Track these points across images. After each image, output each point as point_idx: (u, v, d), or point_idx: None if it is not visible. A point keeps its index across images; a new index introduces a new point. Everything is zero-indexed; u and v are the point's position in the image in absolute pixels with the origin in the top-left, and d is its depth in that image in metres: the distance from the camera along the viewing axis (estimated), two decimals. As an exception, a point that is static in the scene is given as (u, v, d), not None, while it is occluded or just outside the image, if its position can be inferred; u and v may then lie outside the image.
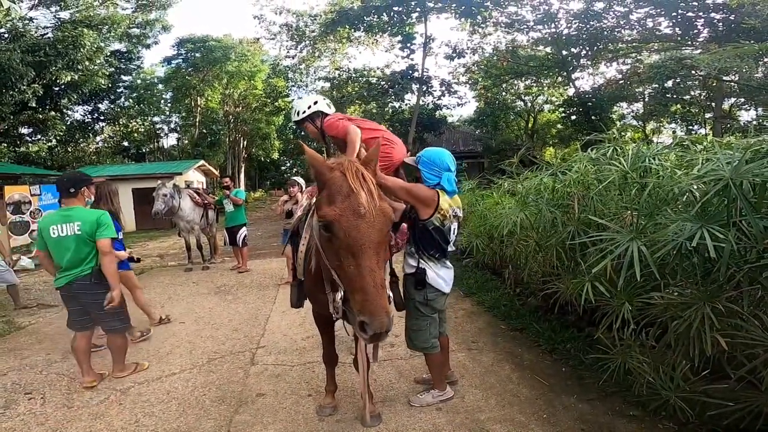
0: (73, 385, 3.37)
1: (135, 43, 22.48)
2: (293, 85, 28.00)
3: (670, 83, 11.09)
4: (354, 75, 19.26)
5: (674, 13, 12.73)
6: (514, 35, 17.59)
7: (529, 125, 26.96)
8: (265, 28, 19.40)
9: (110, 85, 21.93)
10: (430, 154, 2.61)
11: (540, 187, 3.84)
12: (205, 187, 20.25)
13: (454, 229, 2.66)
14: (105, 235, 3.19)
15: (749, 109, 19.13)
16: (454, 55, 17.87)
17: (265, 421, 2.73)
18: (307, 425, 2.66)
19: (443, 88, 19.01)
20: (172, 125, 31.95)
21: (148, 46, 23.48)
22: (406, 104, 18.50)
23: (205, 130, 28.47)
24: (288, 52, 19.85)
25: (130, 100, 27.28)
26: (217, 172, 26.76)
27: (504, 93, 22.81)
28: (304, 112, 2.97)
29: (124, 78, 25.81)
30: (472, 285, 5.73)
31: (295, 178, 6.78)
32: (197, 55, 26.16)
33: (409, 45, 17.49)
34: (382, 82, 18.18)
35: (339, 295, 1.59)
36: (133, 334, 4.22)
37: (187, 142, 30.75)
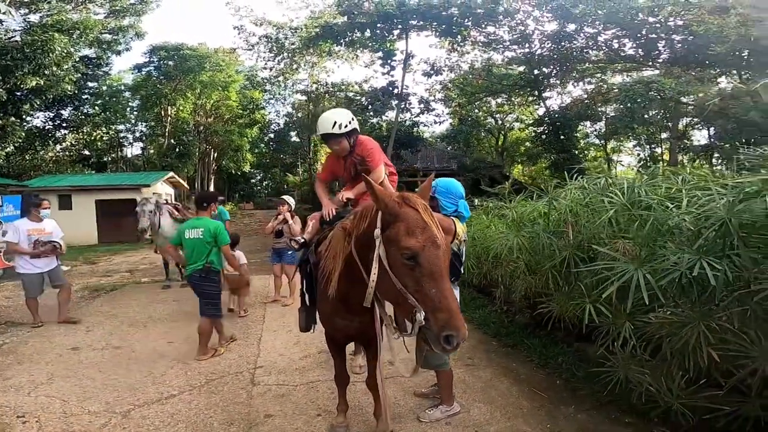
0: (67, 408, 3.25)
1: (105, 49, 21.71)
2: (270, 98, 27.77)
3: (635, 105, 11.99)
4: (332, 89, 19.38)
5: (639, 35, 13.81)
6: (490, 54, 18.37)
7: (499, 143, 27.97)
8: (244, 39, 19.25)
9: (76, 92, 21.09)
10: (446, 183, 2.77)
11: (534, 214, 4.09)
12: (174, 200, 19.66)
13: (464, 251, 2.82)
14: (223, 242, 4.34)
15: (701, 129, 20.61)
16: (432, 72, 18.42)
17: (280, 443, 2.75)
18: (324, 446, 2.70)
19: (422, 105, 19.54)
20: (138, 134, 30.96)
21: (118, 53, 22.73)
22: (383, 120, 18.80)
23: (174, 141, 27.73)
24: (266, 63, 19.79)
25: (96, 107, 26.25)
26: (186, 185, 26.07)
27: (477, 110, 23.62)
28: (346, 126, 2.90)
29: (91, 84, 24.83)
30: (461, 303, 5.90)
31: (284, 197, 6.70)
32: (170, 63, 25.58)
33: (389, 61, 17.85)
34: (362, 98, 18.43)
35: (421, 315, 1.71)
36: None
37: (153, 152, 29.82)
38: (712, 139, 19.54)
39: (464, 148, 23.68)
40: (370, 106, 17.54)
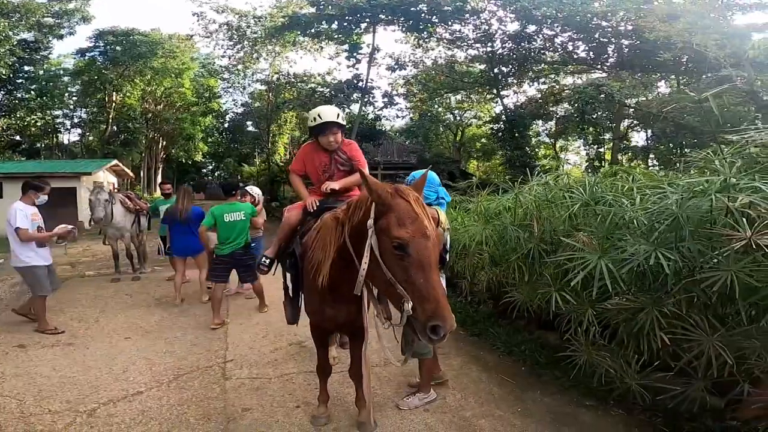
0: (25, 408, 3.05)
1: (46, 33, 20.02)
2: (229, 86, 26.84)
3: (586, 106, 12.75)
4: (294, 80, 19.02)
5: (592, 38, 14.69)
6: (454, 51, 18.74)
7: (457, 138, 28.67)
8: (203, 26, 18.43)
9: (10, 75, 19.28)
10: (419, 174, 2.88)
11: (499, 208, 4.29)
12: (116, 188, 18.54)
13: (449, 239, 2.95)
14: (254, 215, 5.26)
15: (640, 132, 22.22)
16: (396, 66, 18.57)
17: (261, 436, 2.75)
18: (305, 436, 2.73)
19: (385, 99, 19.61)
20: (76, 120, 28.82)
21: (60, 37, 21.08)
22: (345, 113, 18.73)
23: (116, 128, 26.13)
24: (224, 51, 19.06)
25: (31, 91, 24.18)
26: (131, 173, 24.72)
27: (437, 106, 24.05)
28: (343, 119, 3.06)
29: (27, 68, 22.89)
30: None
31: (248, 188, 6.50)
32: (118, 48, 24.15)
33: (355, 54, 17.79)
34: (326, 90, 18.22)
35: (408, 305, 1.77)
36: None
37: (93, 139, 27.94)
38: (649, 141, 21.17)
39: (423, 143, 24.07)
40: (333, 98, 17.36)
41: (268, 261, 3.18)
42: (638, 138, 22.38)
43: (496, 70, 18.17)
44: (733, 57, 7.75)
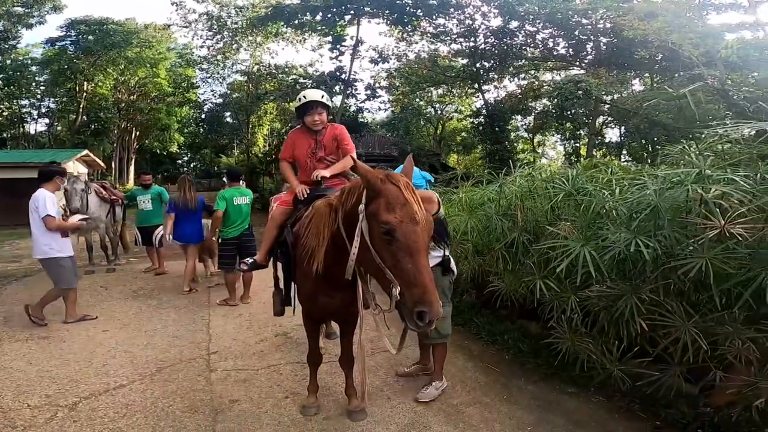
0: (3, 403, 2.96)
1: (15, 22, 19.07)
2: (208, 77, 26.28)
3: (565, 102, 13.03)
4: (275, 72, 18.69)
5: (572, 35, 14.99)
6: (437, 45, 18.80)
7: (438, 132, 28.83)
8: (182, 16, 17.92)
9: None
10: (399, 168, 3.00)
11: (484, 198, 4.35)
12: (91, 177, 17.99)
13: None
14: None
15: (613, 128, 22.87)
16: (380, 59, 18.52)
17: (251, 427, 2.73)
18: (297, 427, 2.73)
19: (368, 92, 19.52)
20: (44, 110, 27.78)
21: (30, 26, 20.17)
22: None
23: (87, 117, 25.31)
24: (204, 42, 18.60)
25: (-2, 81, 23.22)
26: (102, 164, 24.01)
27: (418, 100, 24.10)
28: (329, 100, 3.16)
29: (-7, 58, 21.90)
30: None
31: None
32: (90, 38, 23.46)
33: (338, 46, 17.60)
34: (308, 81, 17.97)
35: (396, 290, 1.78)
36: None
37: (61, 128, 26.95)
38: (622, 138, 21.81)
39: (404, 136, 24.10)
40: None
41: (250, 262, 3.19)
42: (612, 134, 23.08)
43: (478, 65, 18.32)
44: (707, 56, 8.03)
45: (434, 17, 17.13)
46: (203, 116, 33.58)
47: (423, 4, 16.15)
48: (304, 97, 3.09)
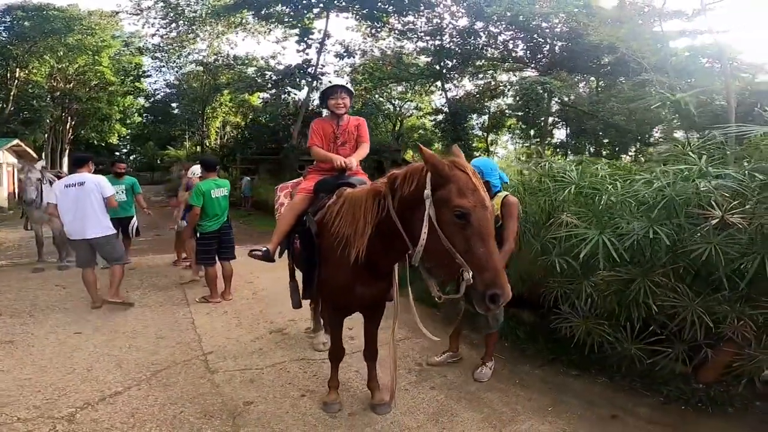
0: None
1: None
2: (162, 65, 24.72)
3: (531, 102, 13.62)
4: (233, 62, 17.88)
5: (531, 38, 15.64)
6: (404, 42, 18.95)
7: (396, 128, 29.06)
8: (135, 3, 16.62)
9: None
10: (482, 163, 3.06)
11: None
12: (44, 166, 16.46)
13: None
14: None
15: (560, 129, 24.23)
16: (345, 54, 18.25)
17: (277, 429, 2.61)
18: (324, 425, 2.65)
19: (335, 87, 18.94)
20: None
21: None
22: (291, 98, 18.09)
23: (17, 105, 23.11)
24: (157, 30, 17.39)
25: None
26: (34, 154, 22.01)
27: (379, 96, 24.13)
28: (350, 85, 3.26)
29: None
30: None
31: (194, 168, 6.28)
32: (26, 24, 21.64)
33: (306, 39, 17.12)
34: (272, 74, 17.36)
35: (469, 274, 1.78)
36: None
37: (-13, 116, 24.35)
38: (568, 138, 23.18)
39: (365, 132, 24.05)
40: (280, 82, 16.68)
41: (264, 250, 3.04)
42: (559, 134, 24.46)
43: (441, 64, 18.61)
44: (658, 63, 8.67)
45: (404, 14, 17.24)
46: (149, 106, 31.67)
47: (395, 1, 16.16)
48: (330, 81, 3.21)
